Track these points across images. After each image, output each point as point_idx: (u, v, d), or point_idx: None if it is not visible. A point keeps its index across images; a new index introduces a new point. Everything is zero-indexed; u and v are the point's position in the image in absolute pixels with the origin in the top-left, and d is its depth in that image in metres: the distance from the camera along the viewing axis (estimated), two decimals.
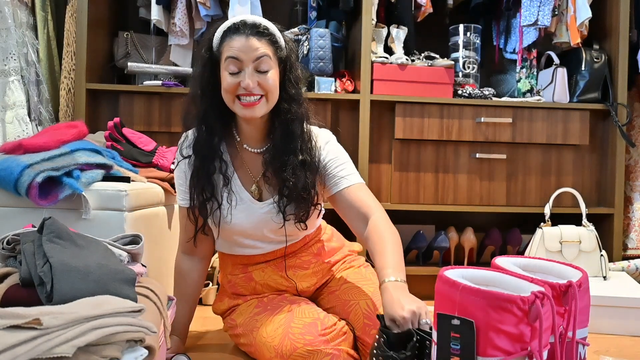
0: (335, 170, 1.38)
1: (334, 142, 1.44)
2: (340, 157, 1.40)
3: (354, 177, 1.39)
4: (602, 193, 2.41)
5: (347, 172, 1.38)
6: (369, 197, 1.37)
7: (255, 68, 1.28)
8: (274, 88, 1.32)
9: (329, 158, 1.39)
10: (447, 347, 0.83)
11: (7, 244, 1.02)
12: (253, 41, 1.28)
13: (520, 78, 2.46)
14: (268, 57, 1.29)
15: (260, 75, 1.29)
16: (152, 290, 1.09)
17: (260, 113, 1.32)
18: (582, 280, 0.94)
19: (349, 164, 1.40)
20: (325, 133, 1.44)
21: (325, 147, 1.40)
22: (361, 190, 1.38)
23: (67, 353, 0.72)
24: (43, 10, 2.19)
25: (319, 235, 1.54)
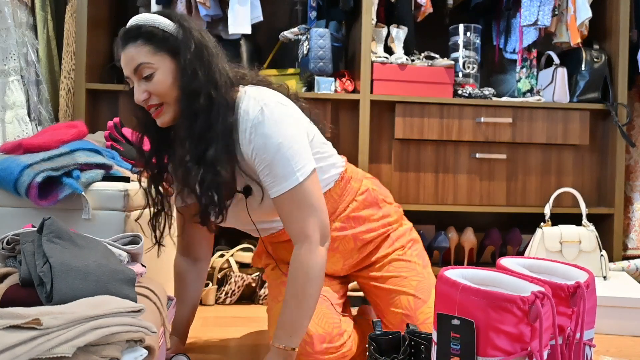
0: (261, 172, 1.18)
1: (259, 137, 1.16)
2: (267, 152, 1.16)
3: (281, 182, 1.16)
4: (602, 193, 2.41)
5: (273, 176, 1.17)
6: (295, 216, 1.17)
7: (140, 78, 1.18)
8: (166, 90, 1.18)
9: (254, 154, 1.18)
10: (447, 347, 0.83)
11: (7, 244, 1.02)
12: (128, 51, 1.18)
13: (520, 78, 2.46)
14: (145, 64, 1.16)
15: (147, 83, 1.18)
16: (152, 290, 1.09)
17: (168, 120, 1.21)
18: (589, 281, 0.94)
19: (274, 168, 1.16)
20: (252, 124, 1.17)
21: (249, 144, 1.18)
22: (287, 204, 1.17)
23: (67, 353, 0.72)
24: (43, 10, 2.19)
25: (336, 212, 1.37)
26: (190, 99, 1.17)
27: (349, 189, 1.38)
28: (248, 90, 1.22)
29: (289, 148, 1.16)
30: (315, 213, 1.18)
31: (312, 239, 1.16)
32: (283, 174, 1.16)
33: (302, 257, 1.16)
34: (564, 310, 0.91)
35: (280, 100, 1.21)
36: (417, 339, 0.99)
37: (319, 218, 1.18)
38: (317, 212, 1.18)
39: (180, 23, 1.20)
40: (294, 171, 1.16)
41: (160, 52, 1.18)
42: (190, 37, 1.18)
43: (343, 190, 1.37)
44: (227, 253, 2.12)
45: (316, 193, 1.19)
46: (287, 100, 1.26)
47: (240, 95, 1.22)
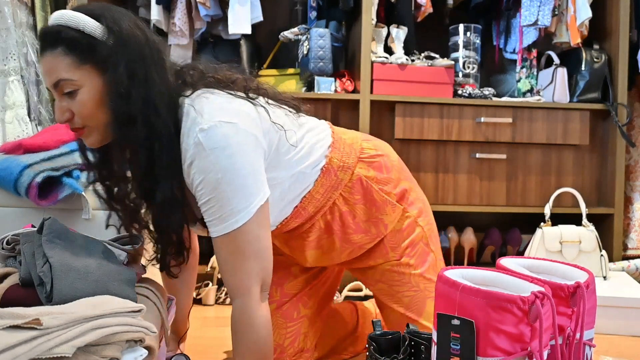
0: (201, 207, 1.01)
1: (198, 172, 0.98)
2: (205, 187, 0.98)
3: (218, 223, 0.99)
4: (602, 193, 2.41)
5: (210, 215, 1.00)
6: (233, 265, 1.00)
7: (61, 94, 0.98)
8: (91, 112, 0.98)
9: (194, 189, 1.00)
10: (447, 347, 0.83)
11: (7, 244, 1.02)
12: (46, 60, 0.97)
13: (520, 78, 2.46)
14: (65, 80, 0.96)
15: (70, 101, 0.98)
16: (152, 290, 1.09)
17: (95, 141, 1.03)
18: (589, 281, 0.94)
19: (210, 207, 0.99)
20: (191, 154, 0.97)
21: (192, 176, 0.99)
22: (224, 249, 1.01)
23: (67, 353, 0.72)
24: (43, 10, 2.19)
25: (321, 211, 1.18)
26: (124, 127, 0.97)
27: (335, 183, 1.18)
28: (190, 104, 1.01)
29: (230, 184, 0.96)
30: (258, 260, 1.01)
31: (252, 294, 1.00)
32: (221, 215, 0.98)
33: (245, 315, 1.00)
34: (564, 310, 0.91)
35: (222, 119, 0.98)
36: (417, 339, 0.99)
37: (262, 265, 1.01)
38: (259, 260, 1.01)
39: (110, 26, 0.97)
40: (233, 212, 0.97)
41: (85, 65, 0.96)
42: (124, 44, 0.96)
43: (327, 188, 1.18)
44: None
45: (261, 235, 1.01)
46: (237, 108, 1.03)
47: (184, 112, 1.01)
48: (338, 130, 1.27)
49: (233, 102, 1.04)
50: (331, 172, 1.18)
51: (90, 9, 0.98)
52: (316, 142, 1.19)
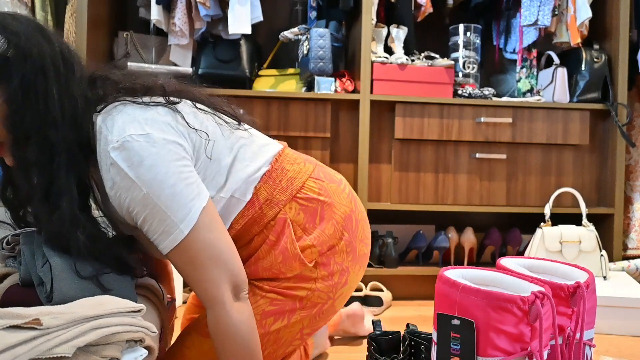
0: (141, 227, 0.94)
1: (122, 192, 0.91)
2: (135, 207, 0.91)
3: (164, 238, 0.92)
4: (602, 193, 2.41)
5: (153, 232, 0.93)
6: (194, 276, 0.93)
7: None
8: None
9: (126, 212, 0.93)
10: (447, 347, 0.83)
11: (7, 244, 1.02)
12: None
13: (520, 78, 2.46)
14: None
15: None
16: (152, 290, 1.09)
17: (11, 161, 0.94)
18: (589, 282, 0.94)
19: (150, 225, 0.92)
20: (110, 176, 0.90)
21: (114, 200, 0.93)
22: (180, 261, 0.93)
23: (67, 353, 0.72)
24: (43, 10, 2.19)
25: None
26: (18, 144, 0.89)
27: (257, 218, 1.05)
28: (102, 122, 0.93)
29: (159, 196, 0.90)
30: (219, 265, 0.93)
31: (221, 300, 0.92)
32: (164, 230, 0.91)
33: (221, 325, 0.93)
34: (564, 310, 0.91)
35: (133, 132, 0.91)
36: (417, 339, 0.99)
37: (226, 268, 0.93)
38: (220, 263, 0.93)
39: (9, 38, 0.88)
40: (174, 223, 0.91)
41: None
42: (23, 58, 0.88)
43: (248, 221, 1.05)
44: None
45: (214, 238, 0.94)
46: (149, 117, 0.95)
47: (97, 130, 0.93)
48: (288, 158, 1.11)
49: (146, 111, 0.95)
50: (255, 205, 1.05)
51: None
52: (250, 165, 1.06)
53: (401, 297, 2.26)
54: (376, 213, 2.27)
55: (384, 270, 2.19)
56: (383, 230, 2.36)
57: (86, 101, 0.95)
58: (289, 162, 1.10)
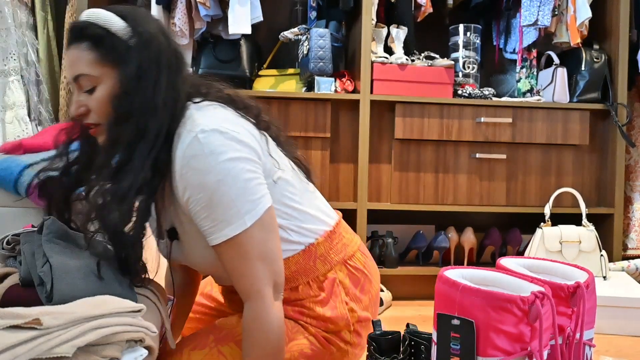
0: (197, 214, 0.96)
1: (193, 174, 0.94)
2: (203, 191, 0.94)
3: (223, 227, 0.94)
4: (602, 193, 2.41)
5: (212, 220, 0.95)
6: (242, 269, 0.96)
7: (79, 89, 0.99)
8: (105, 109, 0.97)
9: (188, 194, 0.95)
10: (447, 347, 0.83)
11: (7, 244, 1.02)
12: (71, 53, 0.98)
13: (520, 78, 2.47)
14: (86, 76, 0.96)
15: (87, 97, 0.98)
16: (152, 290, 1.09)
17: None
18: (589, 281, 0.94)
19: (213, 211, 0.94)
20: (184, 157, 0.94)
21: (179, 182, 0.95)
22: (231, 253, 0.96)
23: (67, 353, 0.72)
24: (43, 10, 2.19)
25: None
26: (117, 122, 0.96)
27: (308, 270, 1.09)
28: (196, 109, 1.00)
29: (231, 186, 0.93)
30: (268, 263, 0.97)
31: (265, 295, 0.96)
32: (225, 218, 0.94)
33: (259, 319, 0.96)
34: (564, 310, 0.91)
35: (225, 125, 0.97)
36: (417, 339, 0.99)
37: (272, 268, 0.97)
38: (269, 262, 0.97)
39: (135, 27, 0.98)
40: (240, 213, 0.94)
41: (106, 62, 0.97)
42: (143, 46, 0.97)
43: (299, 269, 1.09)
44: None
45: (268, 238, 0.97)
46: (241, 123, 1.02)
47: (187, 115, 0.99)
48: (344, 226, 1.18)
49: (239, 118, 1.03)
50: (311, 256, 1.09)
51: (119, 9, 1.00)
52: (315, 217, 1.11)
53: (401, 297, 2.26)
54: (376, 213, 2.27)
55: (384, 270, 2.19)
56: (383, 230, 2.37)
57: (187, 96, 1.02)
58: (344, 229, 1.17)
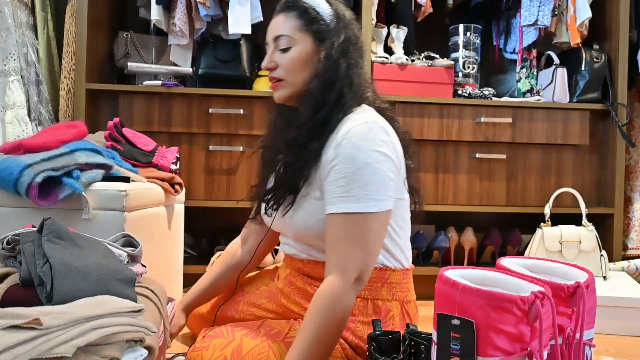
0: (334, 181, 1.07)
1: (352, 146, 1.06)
2: (351, 163, 1.05)
3: (350, 201, 1.04)
4: (602, 193, 2.41)
5: (345, 190, 1.05)
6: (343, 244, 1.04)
7: (276, 47, 1.19)
8: (294, 68, 1.16)
9: (335, 162, 1.07)
10: (447, 347, 0.83)
11: (7, 244, 1.02)
12: (278, 18, 1.20)
13: (520, 78, 2.46)
14: (286, 36, 1.16)
15: (280, 55, 1.18)
16: (152, 290, 1.09)
17: (280, 97, 1.21)
18: (589, 281, 0.94)
19: (350, 183, 1.04)
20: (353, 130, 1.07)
21: (335, 149, 1.08)
22: (341, 227, 1.04)
23: (67, 353, 0.72)
24: (43, 10, 2.19)
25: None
26: (325, 88, 1.13)
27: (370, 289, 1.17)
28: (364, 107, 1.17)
29: (374, 173, 1.05)
30: (365, 252, 1.05)
31: (348, 277, 1.03)
32: (355, 194, 1.04)
33: (332, 296, 1.02)
34: (564, 310, 0.91)
35: (388, 130, 1.12)
36: (417, 339, 0.99)
37: (366, 260, 1.05)
38: (367, 253, 1.05)
39: (337, 13, 1.18)
40: (369, 198, 1.04)
41: (306, 31, 1.16)
42: (343, 29, 1.16)
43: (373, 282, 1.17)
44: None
45: (377, 233, 1.07)
46: (396, 137, 1.16)
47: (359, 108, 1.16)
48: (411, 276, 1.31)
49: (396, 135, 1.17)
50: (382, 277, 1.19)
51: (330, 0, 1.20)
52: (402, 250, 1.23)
53: None
54: None
55: None
56: None
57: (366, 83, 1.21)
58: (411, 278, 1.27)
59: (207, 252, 2.37)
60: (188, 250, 2.36)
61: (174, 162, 1.87)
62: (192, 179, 2.18)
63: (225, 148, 2.18)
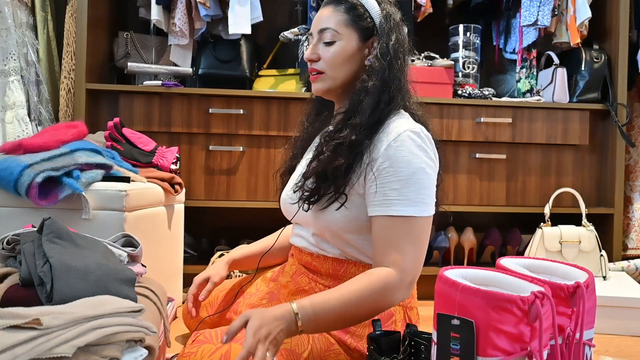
0: (386, 184, 1.08)
1: (405, 150, 1.08)
2: (407, 167, 1.08)
3: (407, 205, 1.07)
4: (602, 193, 2.41)
5: (400, 194, 1.07)
6: (401, 245, 1.06)
7: (320, 40, 1.18)
8: (335, 61, 1.17)
9: (387, 164, 1.09)
10: (447, 347, 0.83)
11: (7, 244, 1.02)
12: (325, 10, 1.19)
13: (520, 78, 2.46)
14: (332, 30, 1.16)
15: (324, 48, 1.18)
16: (152, 290, 1.09)
17: (318, 90, 1.21)
18: (589, 281, 0.94)
19: (406, 187, 1.07)
20: (404, 134, 1.09)
21: (387, 151, 1.09)
22: (398, 229, 1.07)
23: (67, 353, 0.72)
24: (43, 10, 2.19)
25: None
26: (381, 87, 1.13)
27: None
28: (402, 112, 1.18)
29: (426, 179, 1.10)
30: (419, 253, 1.09)
31: (405, 275, 1.05)
32: (413, 198, 1.07)
33: (387, 281, 1.03)
34: (563, 310, 0.91)
35: (430, 138, 1.16)
36: (417, 339, 0.99)
37: (419, 260, 1.09)
38: (420, 254, 1.09)
39: (386, 14, 1.18)
40: (424, 202, 1.09)
41: (353, 27, 1.17)
42: (393, 30, 1.17)
43: None
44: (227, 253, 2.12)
45: (427, 236, 1.12)
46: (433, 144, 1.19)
47: (399, 114, 1.17)
48: None
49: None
50: None
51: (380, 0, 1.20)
52: None
53: None
54: None
55: None
56: None
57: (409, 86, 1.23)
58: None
59: (207, 252, 2.37)
60: (188, 250, 2.36)
61: (174, 162, 1.88)
62: (192, 179, 2.18)
63: (225, 148, 2.18)
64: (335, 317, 1.02)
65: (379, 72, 1.14)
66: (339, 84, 1.19)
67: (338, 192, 1.12)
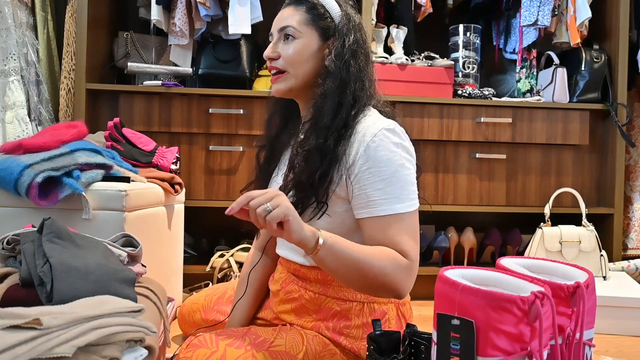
0: (369, 185, 1.08)
1: (384, 149, 1.08)
2: (388, 166, 1.08)
3: (394, 202, 1.07)
4: (602, 193, 2.41)
5: (386, 193, 1.07)
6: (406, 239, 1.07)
7: (280, 38, 1.18)
8: (295, 58, 1.16)
9: (363, 170, 1.08)
10: (446, 347, 0.83)
11: (7, 244, 1.02)
12: (285, 10, 1.20)
13: (520, 78, 2.47)
14: (293, 28, 1.16)
15: (283, 46, 1.17)
16: (152, 290, 1.09)
17: (279, 90, 1.19)
18: (589, 281, 0.94)
19: (390, 185, 1.07)
20: (379, 134, 1.09)
21: (365, 152, 1.08)
22: (393, 225, 1.07)
23: (67, 353, 0.72)
24: (43, 10, 2.19)
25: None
26: (339, 88, 1.12)
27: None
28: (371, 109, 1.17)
29: (409, 174, 1.10)
30: (417, 244, 1.09)
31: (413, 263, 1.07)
32: (398, 195, 1.07)
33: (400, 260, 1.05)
34: (563, 310, 0.91)
35: (404, 132, 1.16)
36: (417, 339, 0.99)
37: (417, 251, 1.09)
38: (417, 245, 1.10)
39: (346, 15, 1.18)
40: (410, 197, 1.09)
41: (313, 26, 1.17)
42: (352, 31, 1.17)
43: None
44: (227, 253, 2.12)
45: (418, 228, 1.12)
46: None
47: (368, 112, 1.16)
48: None
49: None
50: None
51: (339, 0, 1.20)
52: None
53: None
54: None
55: None
56: None
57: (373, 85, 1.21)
58: None
59: (207, 252, 2.37)
60: (188, 250, 2.36)
61: (174, 162, 1.88)
62: (192, 179, 2.18)
63: (225, 148, 2.18)
64: (347, 261, 1.02)
65: (336, 72, 1.13)
66: (300, 83, 1.18)
67: (320, 202, 1.11)
